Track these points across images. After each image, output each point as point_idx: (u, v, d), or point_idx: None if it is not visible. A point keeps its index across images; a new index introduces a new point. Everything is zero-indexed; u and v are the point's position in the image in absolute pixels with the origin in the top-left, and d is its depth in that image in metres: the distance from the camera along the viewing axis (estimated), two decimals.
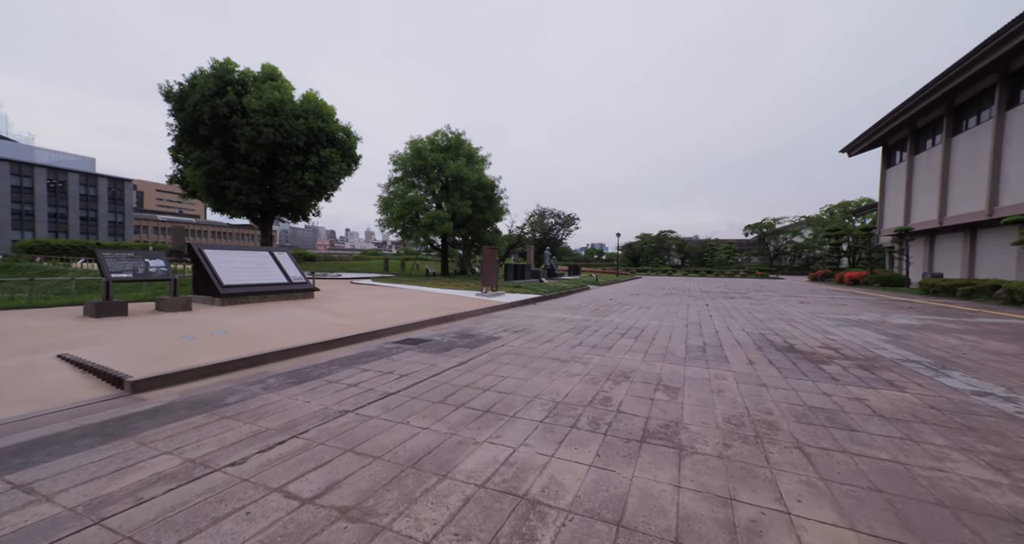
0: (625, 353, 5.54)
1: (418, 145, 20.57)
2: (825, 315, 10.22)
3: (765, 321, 9.01)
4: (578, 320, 8.67)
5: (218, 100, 17.24)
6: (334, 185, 21.06)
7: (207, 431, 2.80)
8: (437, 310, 8.83)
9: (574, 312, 10.08)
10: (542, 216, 48.57)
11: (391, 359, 4.97)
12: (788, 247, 59.28)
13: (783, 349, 5.97)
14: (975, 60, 18.02)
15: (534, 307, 11.08)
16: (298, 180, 19.29)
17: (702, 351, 5.76)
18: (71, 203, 58.65)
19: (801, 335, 7.20)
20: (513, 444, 2.71)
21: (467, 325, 7.72)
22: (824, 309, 11.67)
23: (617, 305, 12.06)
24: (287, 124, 17.73)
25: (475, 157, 21.51)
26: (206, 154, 17.65)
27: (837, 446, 2.73)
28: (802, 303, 13.61)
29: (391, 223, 19.94)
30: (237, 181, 18.52)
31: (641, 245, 65.71)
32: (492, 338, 6.45)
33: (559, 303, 12.32)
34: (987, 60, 17.49)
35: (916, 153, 27.01)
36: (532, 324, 7.96)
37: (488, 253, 12.17)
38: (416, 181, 20.93)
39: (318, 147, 19.67)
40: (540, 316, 9.17)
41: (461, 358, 5.08)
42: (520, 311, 10.09)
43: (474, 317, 8.82)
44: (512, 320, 8.47)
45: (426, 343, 5.94)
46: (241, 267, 8.26)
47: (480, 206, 20.66)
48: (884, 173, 31.36)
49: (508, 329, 7.30)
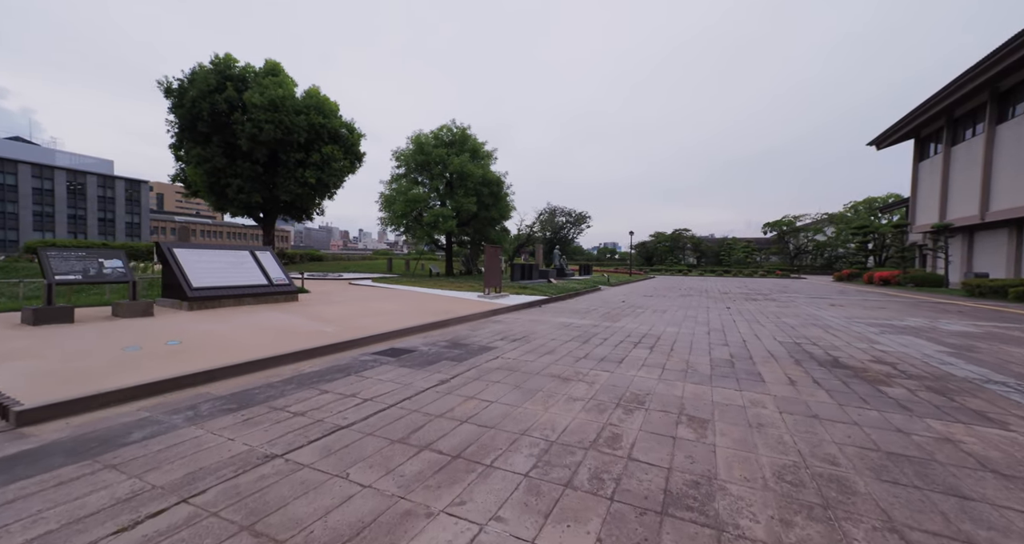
0: (638, 369, 4.72)
1: (421, 139, 19.80)
2: (864, 320, 9.17)
3: (797, 327, 8.04)
4: (586, 326, 7.85)
5: (218, 96, 16.72)
6: (337, 183, 20.46)
7: (67, 491, 2.08)
8: (432, 314, 8.10)
9: (582, 316, 9.24)
10: (552, 214, 47.55)
11: (360, 377, 4.24)
12: (810, 246, 57.09)
13: (827, 363, 5.06)
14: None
15: (539, 310, 10.27)
16: (299, 178, 18.82)
17: (730, 366, 4.90)
18: (89, 205, 59.98)
19: (844, 345, 6.25)
20: (481, 517, 1.93)
21: (461, 332, 6.96)
22: (860, 312, 10.58)
23: (630, 308, 11.18)
24: (288, 120, 17.21)
25: (480, 152, 20.55)
26: (207, 152, 17.21)
27: (952, 529, 1.88)
28: (834, 306, 12.50)
29: (393, 221, 19.28)
30: (238, 179, 18.07)
31: (655, 244, 64.14)
32: (486, 348, 5.68)
33: (566, 306, 11.49)
34: None
35: (954, 144, 25.33)
36: (534, 331, 7.17)
37: (491, 252, 11.40)
38: (419, 177, 20.17)
39: (320, 144, 19.13)
40: (544, 321, 8.37)
41: (444, 375, 4.32)
42: (523, 315, 9.30)
43: (471, 322, 8.06)
44: (512, 326, 7.69)
45: (409, 354, 5.21)
46: (215, 267, 7.66)
47: (485, 203, 19.75)
48: (916, 166, 29.59)
49: (506, 337, 6.52)
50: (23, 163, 54.36)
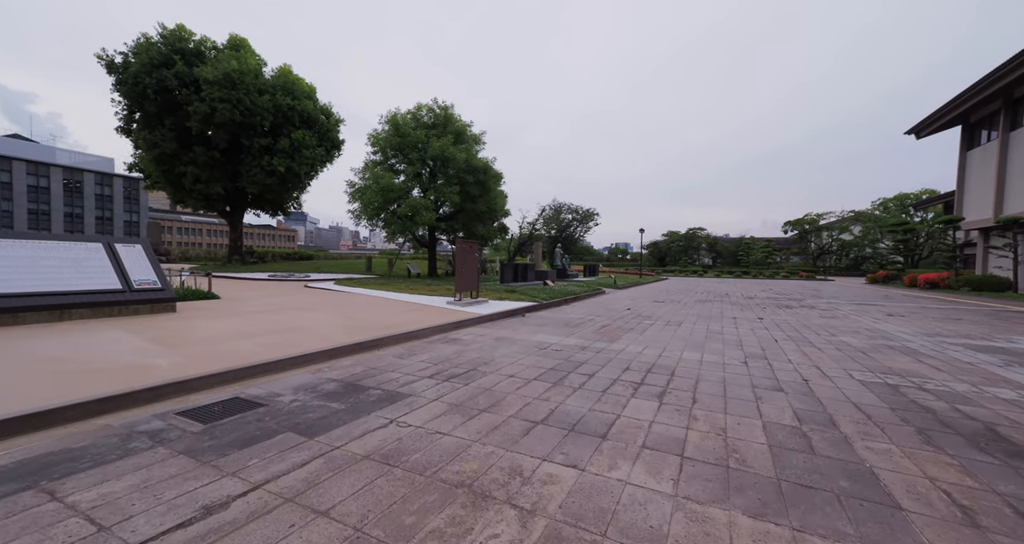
0: (634, 459, 2.51)
1: (397, 119, 17.42)
2: (951, 338, 6.78)
3: (869, 352, 5.71)
4: (570, 349, 5.64)
5: (166, 71, 14.42)
6: (310, 173, 18.25)
7: None
8: (364, 330, 6.00)
9: (570, 332, 7.03)
10: (558, 211, 45.09)
11: (41, 493, 2.12)
12: (834, 245, 53.59)
13: (980, 439, 2.79)
14: None
15: (518, 322, 8.09)
16: (265, 166, 16.51)
17: (806, 448, 2.66)
18: (87, 203, 59.45)
19: (968, 390, 3.94)
20: None
21: (384, 360, 4.83)
22: (935, 326, 8.15)
23: (635, 318, 8.92)
24: (249, 100, 15.01)
25: (465, 135, 18.06)
26: (155, 135, 15.11)
27: None
28: (891, 316, 10.05)
29: (366, 214, 17.20)
30: (193, 167, 15.76)
31: (668, 243, 61.25)
32: (391, 397, 3.54)
33: (555, 316, 9.28)
34: None
35: (1013, 129, 22.35)
36: (491, 358, 5.00)
37: (463, 248, 9.24)
38: (397, 164, 17.81)
39: (289, 129, 16.97)
40: (516, 340, 6.19)
41: (234, 487, 2.18)
42: (492, 329, 7.13)
43: (415, 342, 5.92)
44: (467, 348, 5.53)
45: (241, 415, 3.09)
46: (35, 266, 5.67)
47: (471, 193, 17.18)
48: (964, 156, 26.55)
49: (441, 372, 4.36)
50: (18, 160, 53.90)
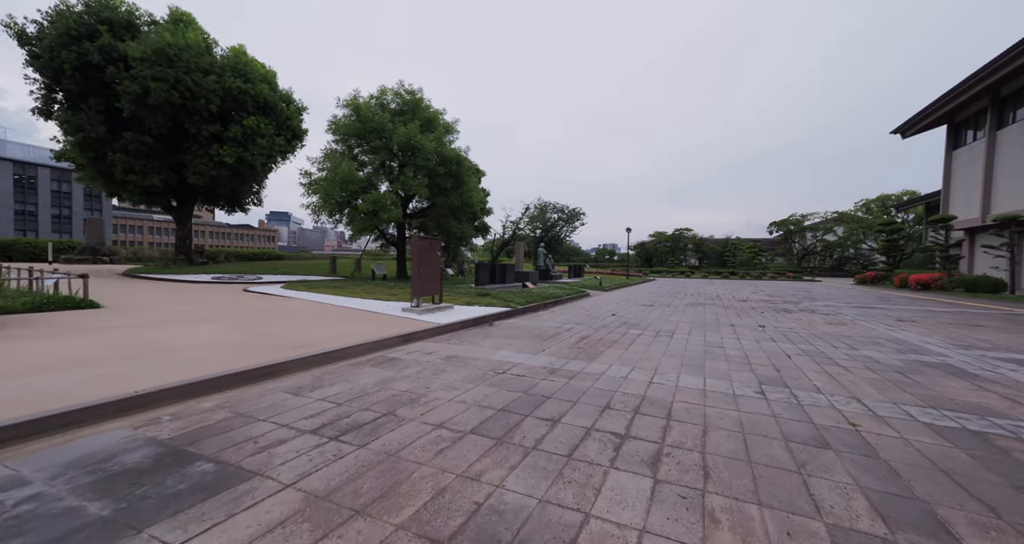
0: None
1: (358, 103, 15.63)
2: (991, 351, 5.71)
3: (908, 372, 4.58)
4: (536, 372, 4.37)
5: (88, 44, 12.74)
6: (267, 164, 16.62)
7: None
8: (271, 350, 4.65)
9: (541, 346, 5.76)
10: (543, 210, 43.87)
11: None
12: (818, 246, 53.72)
13: None
14: None
15: (481, 334, 6.79)
16: (214, 156, 14.95)
17: None
18: (41, 200, 55.65)
19: None
20: None
21: (266, 399, 3.48)
22: (961, 335, 7.12)
23: (621, 327, 7.70)
24: (190, 80, 13.42)
25: (436, 122, 16.33)
26: (79, 118, 13.47)
27: None
28: (902, 322, 9.05)
29: (325, 209, 15.61)
30: (125, 155, 14.03)
31: (655, 244, 60.71)
32: (211, 485, 2.20)
33: (529, 324, 8.01)
34: None
35: (1000, 127, 22.00)
36: (424, 392, 3.69)
37: (420, 246, 7.89)
38: (361, 154, 16.03)
39: (241, 115, 15.47)
40: (469, 360, 4.89)
41: None
42: (445, 345, 5.81)
43: (329, 366, 4.58)
44: (399, 374, 4.22)
45: None
46: None
47: (443, 187, 15.53)
48: (950, 155, 26.27)
49: (337, 420, 3.03)
50: None
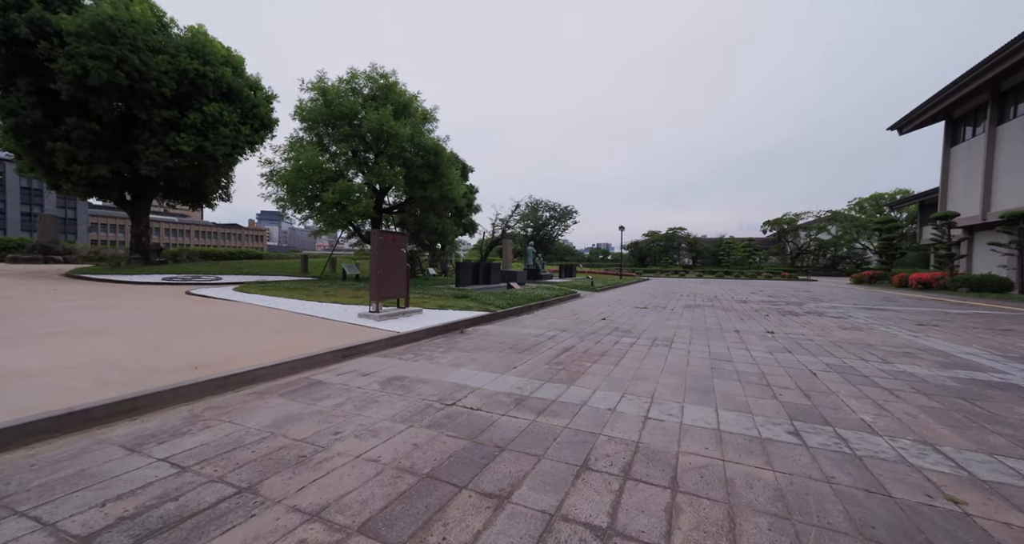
0: None
1: (324, 86, 14.16)
2: None
3: (974, 398, 3.60)
4: (496, 404, 3.32)
5: (14, 15, 11.53)
6: (232, 155, 15.39)
7: None
8: (163, 373, 3.58)
9: (512, 362, 4.72)
10: (535, 208, 42.83)
11: None
12: (812, 245, 53.35)
13: None
14: None
15: (445, 344, 5.74)
16: (170, 145, 13.69)
17: None
18: (10, 197, 53.10)
19: None
20: None
21: (80, 460, 2.41)
22: (999, 342, 6.20)
23: (611, 334, 6.69)
24: (137, 59, 12.20)
25: (413, 108, 14.99)
26: (10, 101, 12.19)
27: None
28: (923, 326, 8.15)
29: (291, 202, 14.38)
30: (66, 143, 12.84)
31: (648, 243, 60.01)
32: None
33: (505, 331, 6.97)
34: None
35: (1001, 122, 21.41)
36: (328, 443, 2.63)
37: (380, 242, 6.80)
38: (330, 143, 14.64)
39: (201, 101, 14.25)
40: (414, 385, 3.83)
41: None
42: (392, 362, 4.75)
43: (221, 396, 3.50)
44: (310, 410, 3.15)
45: None
46: None
47: (420, 178, 14.24)
48: (948, 152, 25.73)
49: (153, 505, 1.96)
50: None
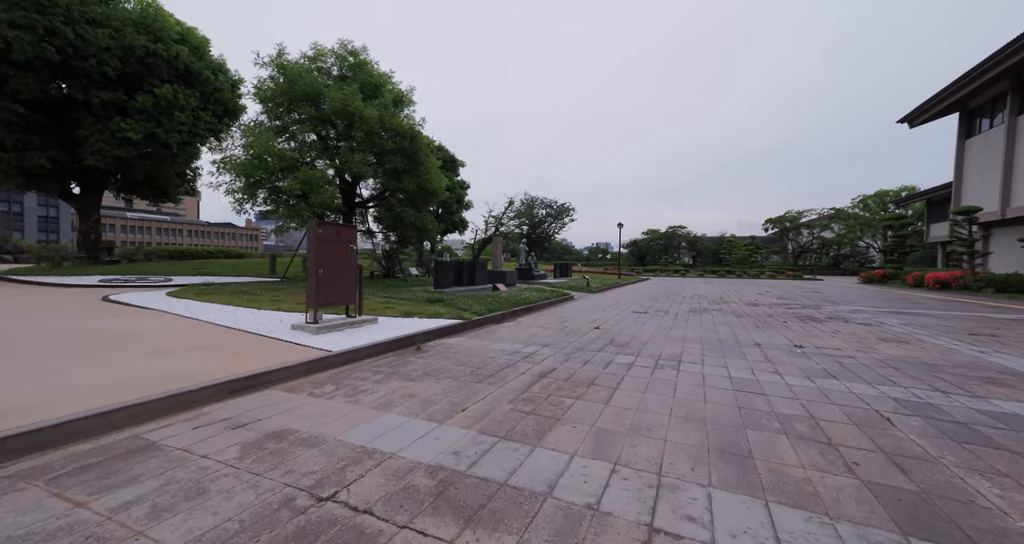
0: None
1: (283, 62, 12.52)
2: None
3: None
4: (403, 492, 1.96)
5: None
6: (189, 143, 13.87)
7: None
8: None
9: (461, 402, 3.39)
10: (530, 206, 41.49)
11: None
12: (815, 243, 52.14)
13: None
14: None
15: (379, 371, 4.41)
16: (116, 131, 12.25)
17: None
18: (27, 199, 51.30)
19: None
20: None
21: None
22: None
23: (603, 351, 5.36)
24: (70, 32, 10.71)
25: (386, 89, 13.32)
26: None
27: None
28: (977, 336, 6.86)
29: (244, 192, 12.29)
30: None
31: (648, 242, 58.81)
32: None
33: (472, 348, 5.64)
34: None
35: (1022, 112, 20.17)
36: None
37: (321, 237, 5.48)
38: (292, 126, 12.94)
39: (153, 82, 12.78)
40: (289, 455, 2.49)
41: None
42: (292, 404, 3.42)
43: None
44: (72, 522, 1.79)
45: None
46: None
47: (393, 167, 12.63)
48: (962, 145, 24.53)
49: None
50: None
